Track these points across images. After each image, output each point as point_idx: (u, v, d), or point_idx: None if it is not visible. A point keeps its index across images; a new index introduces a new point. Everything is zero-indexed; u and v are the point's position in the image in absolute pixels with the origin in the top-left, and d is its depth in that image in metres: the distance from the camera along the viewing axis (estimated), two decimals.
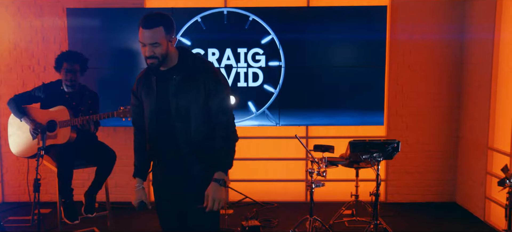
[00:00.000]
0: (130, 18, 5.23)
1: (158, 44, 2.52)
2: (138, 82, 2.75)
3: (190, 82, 2.61)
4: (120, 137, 5.57)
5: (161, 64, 2.59)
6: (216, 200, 2.55)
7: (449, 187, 5.68)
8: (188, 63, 2.66)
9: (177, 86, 2.60)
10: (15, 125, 4.44)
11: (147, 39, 2.51)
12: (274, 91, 5.34)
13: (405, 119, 5.57)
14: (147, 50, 2.53)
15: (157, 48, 2.53)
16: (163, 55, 2.56)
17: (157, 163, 2.78)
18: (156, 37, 2.51)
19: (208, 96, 2.61)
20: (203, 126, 2.64)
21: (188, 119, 2.60)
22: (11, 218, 5.16)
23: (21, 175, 5.63)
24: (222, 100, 2.64)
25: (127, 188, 5.71)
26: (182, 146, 2.64)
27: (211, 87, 2.61)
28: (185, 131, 2.61)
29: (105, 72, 5.32)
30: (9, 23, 5.45)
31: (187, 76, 2.62)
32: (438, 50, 5.46)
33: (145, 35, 2.52)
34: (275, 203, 5.60)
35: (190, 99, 2.60)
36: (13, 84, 5.50)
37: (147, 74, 2.71)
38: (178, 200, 2.74)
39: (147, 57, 2.55)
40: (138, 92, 2.74)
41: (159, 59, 2.55)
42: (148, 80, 2.68)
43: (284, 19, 5.26)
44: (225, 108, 2.66)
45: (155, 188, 2.84)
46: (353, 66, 5.33)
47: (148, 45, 2.52)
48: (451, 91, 5.52)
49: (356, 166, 4.59)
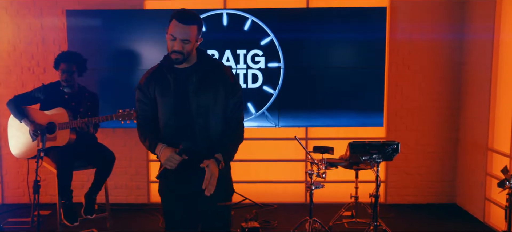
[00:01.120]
0: (129, 20, 5.23)
1: (188, 41, 2.54)
2: (149, 78, 2.71)
3: (209, 82, 2.65)
4: (119, 139, 5.57)
5: (184, 61, 2.61)
6: (213, 177, 2.53)
7: (449, 188, 5.68)
8: (206, 63, 2.69)
9: (197, 85, 2.63)
10: (15, 127, 4.44)
11: (180, 34, 2.52)
12: (273, 93, 5.33)
13: (405, 120, 5.57)
14: (176, 44, 2.53)
15: (186, 45, 2.54)
16: (189, 53, 2.59)
17: None
18: (189, 34, 2.53)
19: (226, 97, 2.67)
20: (220, 124, 2.69)
21: (207, 117, 2.63)
22: (10, 219, 5.15)
23: (20, 176, 5.62)
24: (237, 100, 2.72)
25: (126, 189, 5.71)
26: (200, 143, 2.65)
27: (228, 88, 2.68)
28: (204, 128, 2.64)
29: (104, 73, 5.32)
30: (8, 24, 5.45)
31: (206, 76, 2.65)
32: (438, 51, 5.46)
33: (178, 29, 2.52)
34: (274, 204, 5.60)
35: (210, 97, 2.63)
36: (12, 85, 5.50)
37: (160, 72, 2.69)
38: (193, 198, 2.70)
39: (174, 51, 2.55)
40: (148, 89, 2.69)
41: (184, 56, 2.57)
42: (162, 77, 2.65)
43: (284, 20, 5.26)
44: (239, 108, 2.74)
45: (167, 188, 2.77)
46: (353, 67, 5.33)
47: (179, 39, 2.53)
48: (451, 92, 5.52)
49: (355, 167, 4.58)
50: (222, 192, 2.72)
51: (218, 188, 2.64)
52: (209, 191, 2.51)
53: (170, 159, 2.55)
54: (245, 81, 5.32)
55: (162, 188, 2.80)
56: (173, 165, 2.56)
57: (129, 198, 5.73)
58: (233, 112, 2.71)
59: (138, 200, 5.71)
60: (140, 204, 5.68)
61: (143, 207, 5.57)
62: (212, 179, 2.51)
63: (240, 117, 2.77)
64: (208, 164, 2.52)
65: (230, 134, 2.70)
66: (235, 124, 2.73)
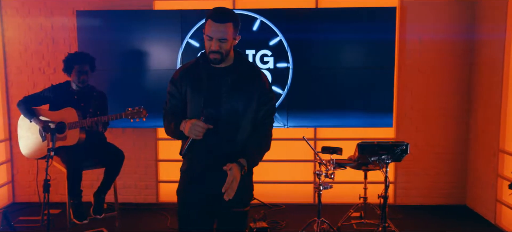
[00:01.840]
0: (138, 20, 5.26)
1: (225, 40, 2.49)
2: (182, 73, 2.64)
3: (243, 85, 2.59)
4: (129, 138, 5.59)
5: (222, 62, 2.56)
6: (235, 182, 2.47)
7: (459, 189, 5.63)
8: (242, 66, 2.64)
9: (231, 86, 2.57)
10: (25, 127, 4.49)
11: (217, 33, 2.47)
12: (282, 93, 5.33)
13: (414, 121, 5.53)
14: (214, 44, 2.49)
15: (223, 44, 2.50)
16: (227, 51, 2.54)
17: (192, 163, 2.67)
18: (225, 33, 2.48)
19: (259, 103, 2.61)
20: (249, 129, 2.63)
21: (237, 120, 2.57)
22: (21, 218, 5.20)
23: (31, 176, 5.67)
24: (269, 108, 2.67)
25: (135, 189, 5.73)
26: (226, 145, 2.59)
27: (262, 94, 2.62)
28: (231, 131, 2.57)
29: (114, 74, 5.35)
30: (20, 25, 5.50)
31: (241, 79, 2.60)
32: (448, 51, 5.42)
33: (215, 28, 2.47)
34: (283, 205, 5.60)
35: (242, 100, 2.57)
36: (24, 86, 5.55)
37: (195, 68, 2.63)
38: (211, 201, 2.65)
39: (212, 51, 2.51)
40: (181, 83, 2.63)
41: (222, 55, 2.52)
42: (196, 74, 2.58)
43: (292, 20, 5.25)
44: (270, 116, 2.69)
45: (185, 190, 2.71)
46: (362, 68, 5.31)
47: (215, 39, 2.48)
48: (461, 93, 5.48)
49: (364, 168, 4.56)
50: (241, 197, 2.67)
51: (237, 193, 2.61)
52: (228, 196, 2.45)
53: (194, 126, 2.45)
54: None
55: (180, 189, 2.74)
56: (199, 134, 2.45)
57: (138, 197, 5.75)
58: (264, 118, 2.65)
59: (147, 200, 5.74)
60: (149, 203, 5.71)
61: (152, 207, 5.59)
62: (233, 183, 2.46)
63: (270, 125, 2.71)
64: (231, 167, 2.46)
65: (258, 140, 2.64)
66: (263, 132, 2.67)
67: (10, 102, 5.57)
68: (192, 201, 2.68)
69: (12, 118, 5.57)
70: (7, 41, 5.53)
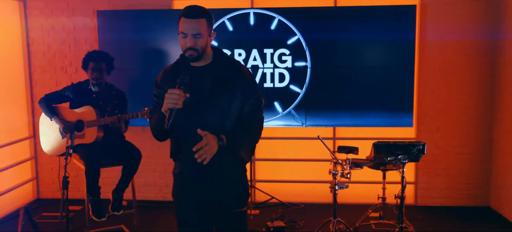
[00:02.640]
0: (158, 19, 5.31)
1: (200, 35, 2.46)
2: (164, 75, 2.63)
3: (226, 82, 2.55)
4: (148, 137, 5.65)
5: (200, 58, 2.52)
6: (209, 147, 2.36)
7: (482, 191, 5.50)
8: (222, 62, 2.61)
9: (213, 85, 2.54)
10: (46, 125, 4.59)
11: (190, 29, 2.45)
12: (300, 92, 5.31)
13: (435, 121, 5.43)
14: (189, 40, 2.46)
15: (199, 40, 2.47)
16: (203, 48, 2.50)
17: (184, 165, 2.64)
18: (199, 28, 2.46)
19: (244, 98, 2.57)
20: (235, 126, 2.58)
21: (223, 118, 2.53)
22: (44, 214, 5.33)
23: (54, 172, 5.79)
24: (255, 101, 2.61)
25: (155, 187, 5.80)
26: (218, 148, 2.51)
27: (246, 89, 2.57)
28: (217, 130, 2.47)
29: (134, 73, 5.42)
30: (43, 25, 5.63)
31: (222, 76, 2.56)
32: (470, 50, 5.30)
33: (188, 25, 2.45)
34: (301, 204, 5.57)
35: (226, 98, 2.53)
36: (47, 84, 5.68)
37: (177, 69, 2.59)
38: (210, 204, 2.64)
39: (188, 48, 2.48)
40: (163, 85, 2.59)
41: (199, 52, 2.49)
42: (177, 76, 2.47)
43: (311, 19, 5.22)
44: (257, 109, 2.63)
45: (181, 195, 2.70)
46: (381, 67, 5.25)
47: (190, 35, 2.46)
48: (484, 92, 5.35)
49: (382, 168, 4.50)
50: (238, 197, 2.68)
51: (233, 193, 2.63)
52: (201, 158, 2.35)
53: (169, 95, 2.36)
54: (272, 80, 5.31)
55: (176, 194, 2.72)
56: (176, 101, 2.35)
57: (158, 195, 5.81)
58: (250, 113, 2.58)
59: (166, 198, 5.79)
60: (168, 201, 5.75)
61: (172, 204, 5.62)
62: (207, 147, 2.34)
63: (258, 118, 2.64)
64: (207, 133, 2.36)
65: (243, 127, 2.56)
66: (251, 124, 2.60)
67: (34, 100, 5.70)
68: (188, 204, 2.67)
69: (36, 116, 5.70)
70: (32, 41, 5.67)
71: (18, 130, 5.62)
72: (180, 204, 2.71)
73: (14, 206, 5.44)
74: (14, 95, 5.54)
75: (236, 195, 2.66)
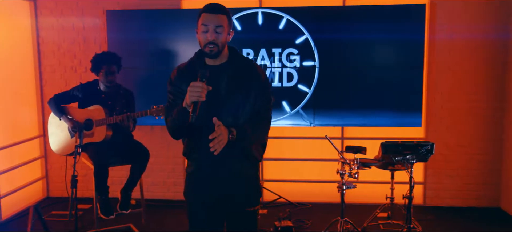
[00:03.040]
0: (166, 19, 5.33)
1: (222, 27, 2.48)
2: (179, 73, 2.62)
3: (241, 81, 2.57)
4: (157, 136, 5.68)
5: (219, 54, 2.53)
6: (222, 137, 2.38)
7: (492, 191, 5.46)
8: (238, 62, 2.62)
9: (229, 83, 2.55)
10: (54, 124, 4.63)
11: (213, 21, 2.46)
12: (308, 91, 5.30)
13: (445, 121, 5.39)
14: (210, 34, 2.47)
15: (220, 35, 2.48)
16: (223, 44, 2.52)
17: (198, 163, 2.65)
18: (221, 21, 2.49)
19: (257, 95, 2.58)
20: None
21: (237, 116, 2.55)
22: (54, 212, 5.37)
23: (63, 171, 5.79)
24: (266, 98, 2.63)
25: (163, 186, 5.82)
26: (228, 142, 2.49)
27: (260, 87, 2.60)
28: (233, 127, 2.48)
29: (142, 72, 5.44)
30: (53, 25, 5.67)
31: (237, 74, 2.58)
32: (480, 50, 5.26)
33: (210, 18, 2.47)
34: (309, 204, 5.56)
35: (241, 97, 2.55)
36: (57, 84, 5.72)
37: (192, 67, 2.59)
38: (222, 201, 2.64)
39: (209, 42, 2.48)
40: (178, 83, 2.60)
41: (219, 47, 2.49)
42: (193, 73, 2.46)
43: (319, 19, 5.21)
44: (267, 105, 2.65)
45: (193, 192, 2.70)
46: (390, 66, 5.22)
47: (212, 28, 2.46)
48: (495, 92, 5.30)
49: (391, 168, 4.48)
50: (250, 196, 2.69)
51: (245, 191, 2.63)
52: (214, 148, 2.36)
53: (192, 88, 2.36)
54: (280, 80, 5.31)
55: (188, 191, 2.73)
56: (200, 94, 2.35)
57: (167, 194, 5.83)
58: (260, 110, 2.60)
59: (175, 197, 5.81)
60: (177, 200, 5.78)
61: (180, 204, 5.65)
62: (221, 138, 2.37)
63: (267, 115, 2.66)
64: (220, 124, 2.39)
65: (253, 122, 2.57)
66: (260, 118, 2.61)
67: (44, 99, 5.74)
68: (201, 202, 2.67)
69: (45, 115, 5.74)
70: (42, 40, 5.71)
71: (28, 129, 5.67)
72: (192, 202, 2.71)
73: (24, 204, 5.49)
74: (24, 94, 5.59)
75: (248, 194, 2.67)
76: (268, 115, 2.68)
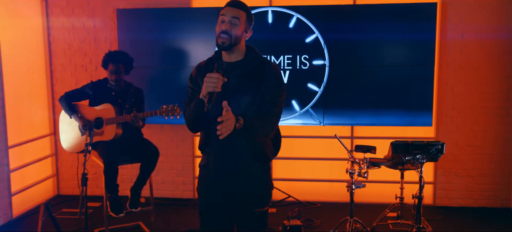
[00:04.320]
0: (177, 18, 5.34)
1: (238, 20, 2.51)
2: (198, 69, 2.67)
3: (253, 78, 2.56)
4: (166, 135, 5.70)
5: (231, 47, 2.53)
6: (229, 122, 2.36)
7: (503, 192, 5.41)
8: (253, 61, 2.62)
9: (239, 81, 2.55)
10: (65, 122, 4.66)
11: (230, 13, 2.52)
12: (318, 90, 5.28)
13: (456, 121, 5.36)
14: (224, 25, 2.50)
15: (234, 27, 2.50)
16: (237, 38, 2.52)
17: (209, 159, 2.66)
18: (239, 15, 2.52)
19: (267, 91, 2.55)
20: None
21: (244, 115, 2.50)
22: (64, 210, 5.41)
23: (74, 169, 5.87)
24: (277, 95, 2.59)
25: (173, 185, 5.83)
26: (237, 140, 2.54)
27: (271, 82, 2.56)
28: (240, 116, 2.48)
29: (153, 71, 5.46)
30: (64, 24, 5.70)
31: (250, 72, 2.58)
32: (492, 49, 5.21)
33: (228, 10, 2.53)
34: (318, 203, 5.55)
35: (250, 95, 2.54)
36: (67, 82, 5.75)
37: (210, 64, 2.60)
38: (232, 200, 2.65)
39: (221, 32, 2.50)
40: (197, 79, 2.65)
41: (231, 40, 2.50)
42: (211, 70, 2.49)
43: (329, 17, 5.19)
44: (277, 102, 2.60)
45: (205, 186, 2.71)
46: (401, 65, 5.19)
47: (227, 19, 2.50)
48: (506, 92, 5.26)
49: (400, 167, 4.46)
50: (260, 196, 2.68)
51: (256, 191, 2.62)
52: (220, 132, 2.35)
53: (209, 79, 2.40)
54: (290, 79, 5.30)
55: (200, 186, 2.74)
56: (216, 84, 2.39)
57: (176, 193, 5.85)
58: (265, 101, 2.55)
59: (184, 195, 5.83)
60: (186, 199, 5.80)
61: (189, 202, 5.67)
62: (228, 122, 2.35)
63: (275, 110, 2.60)
64: (229, 109, 2.36)
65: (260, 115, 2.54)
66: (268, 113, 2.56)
67: (55, 98, 5.79)
68: (212, 201, 2.68)
69: (56, 113, 5.78)
70: (53, 39, 5.75)
71: (39, 127, 5.72)
72: (203, 197, 2.72)
73: (35, 202, 5.53)
74: (35, 92, 5.63)
75: (259, 194, 2.66)
76: (275, 111, 2.62)
